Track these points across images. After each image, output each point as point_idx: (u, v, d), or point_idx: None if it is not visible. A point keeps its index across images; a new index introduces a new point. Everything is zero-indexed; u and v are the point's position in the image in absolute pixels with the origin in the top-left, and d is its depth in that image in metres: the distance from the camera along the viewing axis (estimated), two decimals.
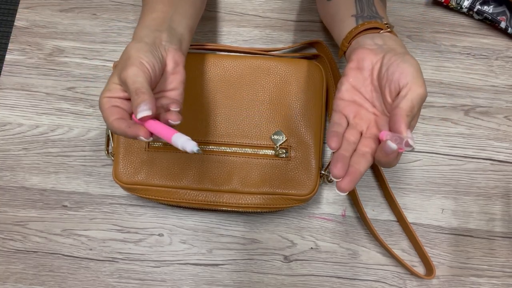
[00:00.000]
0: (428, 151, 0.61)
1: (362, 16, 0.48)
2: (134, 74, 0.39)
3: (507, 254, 0.58)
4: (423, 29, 0.65)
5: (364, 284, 0.57)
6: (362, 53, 0.44)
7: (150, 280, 0.56)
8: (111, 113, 0.39)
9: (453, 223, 0.59)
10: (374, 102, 0.43)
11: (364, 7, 0.48)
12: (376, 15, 0.48)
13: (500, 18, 0.63)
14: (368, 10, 0.48)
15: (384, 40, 0.45)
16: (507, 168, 0.60)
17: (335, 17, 0.51)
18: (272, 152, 0.54)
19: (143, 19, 0.46)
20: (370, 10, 0.48)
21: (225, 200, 0.53)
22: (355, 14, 0.48)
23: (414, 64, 0.40)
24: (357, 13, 0.48)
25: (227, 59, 0.56)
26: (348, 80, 0.44)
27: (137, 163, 0.53)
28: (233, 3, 0.65)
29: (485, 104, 0.62)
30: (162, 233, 0.58)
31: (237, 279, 0.56)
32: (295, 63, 0.56)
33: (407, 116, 0.38)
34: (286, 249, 0.57)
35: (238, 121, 0.54)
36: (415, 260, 0.58)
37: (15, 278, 0.56)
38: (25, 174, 0.59)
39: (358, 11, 0.48)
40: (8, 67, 0.62)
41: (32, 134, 0.60)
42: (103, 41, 0.63)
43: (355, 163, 0.39)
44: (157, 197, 0.53)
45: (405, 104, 0.38)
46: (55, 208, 0.58)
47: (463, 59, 0.64)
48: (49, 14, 0.64)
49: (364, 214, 0.56)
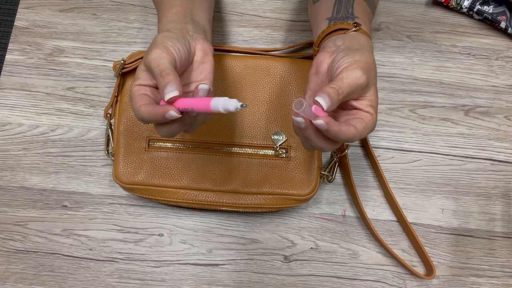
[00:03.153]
0: (428, 151, 0.61)
1: (336, 18, 0.47)
2: (157, 56, 0.38)
3: (507, 254, 0.58)
4: (423, 29, 0.65)
5: (364, 284, 0.57)
6: (321, 56, 0.43)
7: (150, 280, 0.56)
8: (140, 99, 0.38)
9: (453, 223, 0.59)
10: None
11: (341, 9, 0.47)
12: (350, 15, 0.46)
13: (500, 18, 0.63)
14: (344, 11, 0.47)
15: (344, 40, 0.43)
16: (507, 168, 0.60)
17: (314, 20, 0.50)
18: (272, 152, 0.54)
19: (164, 15, 0.45)
20: (345, 11, 0.47)
21: (225, 200, 0.53)
22: (329, 17, 0.47)
23: (356, 56, 0.39)
24: (332, 16, 0.47)
25: (227, 59, 0.56)
26: (309, 88, 0.43)
27: (137, 163, 0.53)
28: (233, 3, 0.65)
29: (485, 104, 0.62)
30: (162, 233, 0.58)
31: (237, 279, 0.56)
32: (295, 63, 0.56)
33: (330, 88, 0.37)
34: (286, 249, 0.57)
35: (238, 121, 0.54)
36: (415, 260, 0.58)
37: (15, 278, 0.56)
38: (25, 174, 0.59)
39: (334, 13, 0.47)
40: (8, 67, 0.62)
41: (32, 134, 0.60)
42: (103, 41, 0.63)
43: None
44: (157, 197, 0.53)
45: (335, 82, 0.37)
46: (55, 208, 0.58)
47: (463, 59, 0.64)
48: (49, 14, 0.64)
49: (364, 214, 0.56)
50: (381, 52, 0.64)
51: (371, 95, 0.40)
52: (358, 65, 0.39)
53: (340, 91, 0.37)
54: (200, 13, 0.47)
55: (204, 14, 0.48)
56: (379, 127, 0.61)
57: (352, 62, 0.39)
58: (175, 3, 0.46)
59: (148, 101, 0.38)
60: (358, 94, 0.40)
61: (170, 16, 0.45)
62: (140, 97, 0.39)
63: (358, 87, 0.38)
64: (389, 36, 0.64)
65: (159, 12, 0.47)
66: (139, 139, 0.54)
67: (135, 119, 0.54)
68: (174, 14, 0.45)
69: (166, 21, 0.45)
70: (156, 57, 0.38)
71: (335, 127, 0.36)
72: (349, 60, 0.39)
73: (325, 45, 0.45)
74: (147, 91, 0.40)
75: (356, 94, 0.39)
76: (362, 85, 0.38)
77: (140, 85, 0.40)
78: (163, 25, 0.44)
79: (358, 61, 0.39)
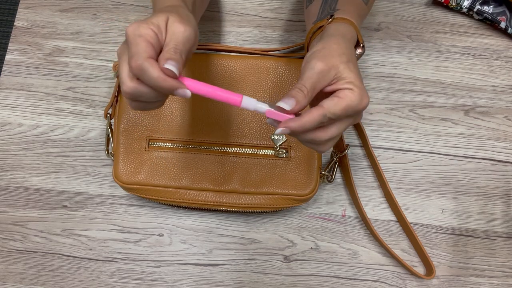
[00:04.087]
0: (428, 151, 0.61)
1: (320, 18, 0.46)
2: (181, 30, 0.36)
3: (507, 254, 0.58)
4: (423, 29, 0.65)
5: (364, 284, 0.57)
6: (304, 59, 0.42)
7: (150, 280, 0.56)
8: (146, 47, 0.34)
9: (453, 223, 0.59)
10: None
11: (325, 8, 0.47)
12: (332, 11, 0.45)
13: (500, 18, 0.63)
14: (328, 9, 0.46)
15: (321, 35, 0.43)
16: (507, 168, 0.60)
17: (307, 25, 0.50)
18: (272, 152, 0.54)
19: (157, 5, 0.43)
20: (329, 8, 0.46)
21: (225, 200, 0.53)
22: (315, 20, 0.47)
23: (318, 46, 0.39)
24: (317, 18, 0.47)
25: (227, 59, 0.56)
26: None
27: (137, 163, 0.53)
28: (233, 3, 0.65)
29: (485, 104, 0.62)
30: (162, 233, 0.58)
31: (237, 279, 0.56)
32: (295, 63, 0.56)
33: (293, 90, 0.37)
34: (286, 249, 0.57)
35: (238, 121, 0.54)
36: (415, 260, 0.58)
37: (15, 278, 0.56)
38: (25, 174, 0.59)
39: (319, 14, 0.47)
40: (8, 67, 0.62)
41: (32, 134, 0.60)
42: (103, 41, 0.63)
43: None
44: (157, 197, 0.53)
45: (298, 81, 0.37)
46: (55, 208, 0.58)
47: (463, 59, 0.64)
48: (49, 14, 0.64)
49: (364, 214, 0.56)
50: (381, 52, 0.64)
51: (345, 72, 0.38)
52: (313, 55, 0.38)
53: (302, 87, 0.37)
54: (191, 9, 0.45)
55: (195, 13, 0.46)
56: (379, 127, 0.61)
57: (309, 55, 0.39)
58: None
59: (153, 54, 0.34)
60: (329, 80, 0.38)
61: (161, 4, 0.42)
62: (147, 44, 0.34)
63: (320, 75, 0.37)
64: (389, 36, 0.64)
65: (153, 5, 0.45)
66: (139, 139, 0.54)
67: (135, 119, 0.54)
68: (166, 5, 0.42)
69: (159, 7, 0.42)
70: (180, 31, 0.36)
71: (293, 124, 0.35)
72: (309, 54, 0.39)
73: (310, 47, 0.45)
74: (152, 38, 0.35)
75: (325, 81, 0.38)
76: (322, 71, 0.37)
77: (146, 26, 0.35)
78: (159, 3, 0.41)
79: (314, 52, 0.39)
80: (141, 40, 0.34)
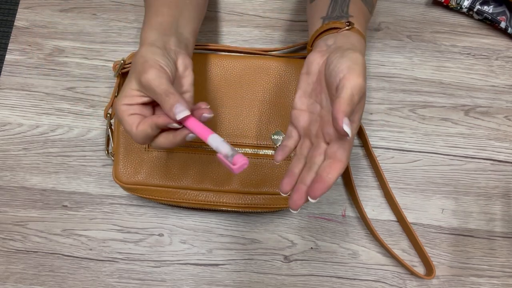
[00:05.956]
0: (428, 151, 0.61)
1: (330, 17, 0.46)
2: (158, 76, 0.38)
3: (507, 254, 0.58)
4: (423, 29, 0.65)
5: (364, 284, 0.57)
6: (312, 56, 0.43)
7: (150, 280, 0.56)
8: (133, 122, 0.39)
9: (453, 223, 0.59)
10: (322, 103, 0.42)
11: (336, 8, 0.47)
12: (345, 14, 0.46)
13: (500, 18, 0.63)
14: (339, 10, 0.47)
15: (335, 39, 0.43)
16: (507, 168, 0.60)
17: (310, 19, 0.50)
18: (272, 152, 0.54)
19: (149, 22, 0.45)
20: (340, 10, 0.46)
21: (225, 200, 0.53)
22: (323, 16, 0.47)
23: (353, 57, 0.39)
24: (326, 15, 0.47)
25: (227, 59, 0.56)
26: (300, 87, 0.43)
27: (137, 163, 0.53)
28: (233, 3, 0.65)
29: (485, 104, 0.62)
30: (162, 233, 0.58)
31: (237, 279, 0.56)
32: (295, 63, 0.56)
33: (346, 105, 0.36)
34: (286, 249, 0.57)
35: (238, 121, 0.54)
36: (415, 260, 0.58)
37: (15, 278, 0.56)
38: (25, 174, 0.59)
39: (329, 12, 0.47)
40: (8, 67, 0.62)
41: (32, 134, 0.60)
42: (103, 41, 0.63)
43: (301, 181, 0.39)
44: (157, 197, 0.53)
45: (344, 93, 0.37)
46: (55, 208, 0.58)
47: (463, 59, 0.64)
48: (49, 14, 0.64)
49: (364, 214, 0.56)
50: (381, 52, 0.64)
51: None
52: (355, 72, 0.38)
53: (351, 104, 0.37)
54: (186, 23, 0.46)
55: (190, 25, 0.47)
56: (379, 127, 0.61)
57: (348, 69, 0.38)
58: (163, 11, 0.45)
59: (141, 119, 0.39)
60: None
61: (155, 24, 0.44)
62: (132, 118, 0.39)
63: (360, 92, 0.38)
64: (389, 36, 0.64)
65: (146, 15, 0.47)
66: None
67: None
68: (159, 24, 0.44)
69: (150, 28, 0.44)
70: (157, 77, 0.38)
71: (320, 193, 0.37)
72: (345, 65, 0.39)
73: (317, 44, 0.45)
74: (137, 110, 0.40)
75: None
76: (363, 89, 0.38)
77: (130, 104, 0.40)
78: (147, 33, 0.43)
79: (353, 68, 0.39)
80: (134, 117, 0.40)
